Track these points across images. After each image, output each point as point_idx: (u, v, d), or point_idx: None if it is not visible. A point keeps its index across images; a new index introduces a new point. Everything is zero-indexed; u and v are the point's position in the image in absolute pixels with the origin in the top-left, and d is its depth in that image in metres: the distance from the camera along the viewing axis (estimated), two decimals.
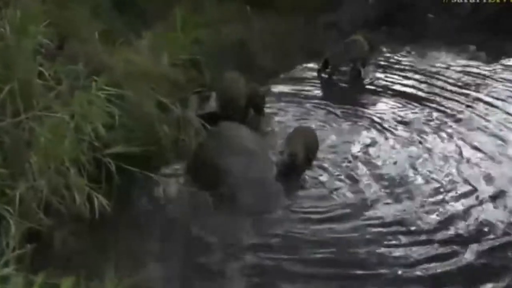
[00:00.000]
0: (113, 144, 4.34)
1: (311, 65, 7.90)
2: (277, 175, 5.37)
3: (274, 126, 6.38)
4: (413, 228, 4.73)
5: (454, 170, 5.48)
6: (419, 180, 5.37)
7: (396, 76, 7.65)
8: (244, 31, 7.36)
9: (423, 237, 4.62)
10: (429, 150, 5.85)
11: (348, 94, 7.34)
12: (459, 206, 5.00)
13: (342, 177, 5.44)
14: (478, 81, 7.45)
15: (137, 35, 5.84)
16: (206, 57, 6.24)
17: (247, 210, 4.92)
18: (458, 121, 6.44)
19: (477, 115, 6.56)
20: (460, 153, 5.77)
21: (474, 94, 7.07)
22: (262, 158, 5.46)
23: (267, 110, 6.48)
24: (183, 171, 5.35)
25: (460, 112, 6.63)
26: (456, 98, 6.98)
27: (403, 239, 4.59)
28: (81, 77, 4.39)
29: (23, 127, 3.96)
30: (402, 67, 7.91)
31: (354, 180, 5.39)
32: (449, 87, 7.28)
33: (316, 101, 7.04)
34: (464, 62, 7.96)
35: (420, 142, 6.00)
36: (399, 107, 6.84)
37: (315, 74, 7.75)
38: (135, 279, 3.32)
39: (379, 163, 5.65)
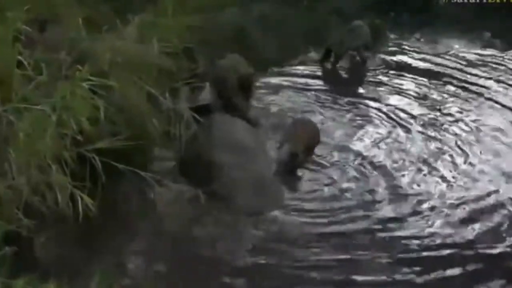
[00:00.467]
0: (98, 139, 4.28)
1: (312, 53, 7.99)
2: (276, 172, 5.41)
3: (272, 119, 6.41)
4: (427, 233, 4.74)
5: (471, 166, 5.51)
6: (435, 178, 5.39)
7: (404, 65, 7.73)
8: (242, 17, 7.38)
9: (439, 241, 4.65)
10: (444, 144, 5.88)
11: (353, 84, 7.40)
12: (479, 207, 5.00)
13: (347, 175, 5.47)
14: (493, 70, 7.54)
15: (125, 21, 5.76)
16: (200, 45, 6.22)
17: (242, 211, 4.93)
18: (472, 112, 6.52)
19: (493, 105, 6.65)
20: (478, 147, 5.81)
21: (488, 83, 7.16)
22: (259, 154, 5.47)
23: (265, 102, 6.55)
24: (173, 168, 5.36)
25: (476, 103, 6.71)
26: (470, 88, 7.05)
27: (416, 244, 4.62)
28: (64, 66, 4.33)
29: (0, 120, 3.89)
30: (411, 55, 7.97)
31: (360, 179, 5.41)
32: (462, 76, 7.35)
33: (318, 91, 7.10)
34: (478, 50, 8.07)
35: (434, 136, 6.04)
36: (408, 98, 6.89)
37: (317, 62, 7.85)
38: (121, 284, 3.33)
39: (388, 160, 5.66)
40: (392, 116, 6.47)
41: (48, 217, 3.99)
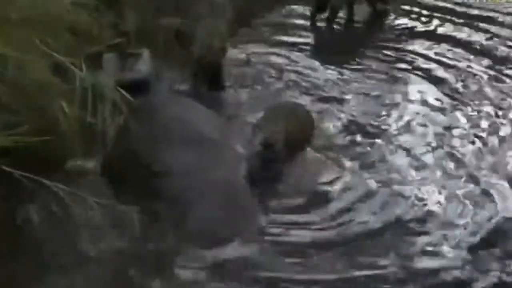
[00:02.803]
0: None
1: (301, 6, 8.31)
2: (247, 176, 5.39)
3: (244, 101, 6.56)
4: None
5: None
6: (461, 172, 5.62)
7: (418, 23, 8.14)
8: None
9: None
10: (469, 120, 6.27)
11: (355, 48, 7.63)
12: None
13: (346, 178, 5.56)
14: None
15: None
16: None
17: (198, 237, 4.90)
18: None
19: None
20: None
21: None
22: (223, 151, 5.46)
23: (236, 77, 6.79)
24: (94, 174, 5.35)
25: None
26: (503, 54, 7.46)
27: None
28: None
29: None
30: (427, 11, 8.42)
31: (363, 183, 5.51)
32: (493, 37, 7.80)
33: (308, 59, 7.32)
34: None
35: (458, 110, 6.39)
36: (424, 65, 7.24)
37: (307, 19, 8.12)
38: None
39: (402, 148, 5.89)
40: (408, 88, 6.80)
41: None
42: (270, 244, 4.91)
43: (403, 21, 8.30)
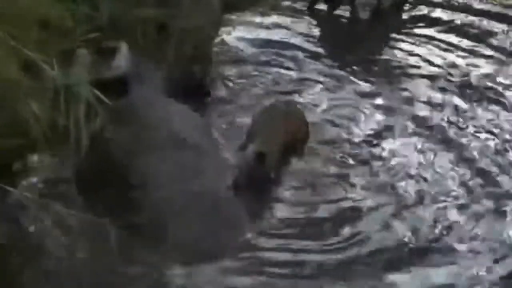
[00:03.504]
0: None
1: None
2: (235, 185, 5.43)
3: (231, 100, 6.57)
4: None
5: None
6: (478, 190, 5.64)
7: (436, 14, 8.20)
8: None
9: None
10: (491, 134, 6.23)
11: (361, 39, 7.69)
12: None
13: (345, 185, 5.62)
14: None
15: None
16: None
17: (179, 254, 4.88)
18: None
19: None
20: None
21: None
22: (209, 158, 5.47)
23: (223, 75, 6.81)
24: (67, 182, 5.34)
25: None
26: None
27: None
28: None
29: None
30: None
31: (365, 192, 5.59)
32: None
33: (307, 51, 7.31)
34: None
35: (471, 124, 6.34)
36: (437, 58, 7.33)
37: (304, 5, 8.14)
38: None
39: (406, 159, 5.92)
40: (417, 88, 6.87)
41: None
42: (258, 262, 4.92)
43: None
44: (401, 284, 4.77)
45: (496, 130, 6.24)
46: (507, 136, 6.16)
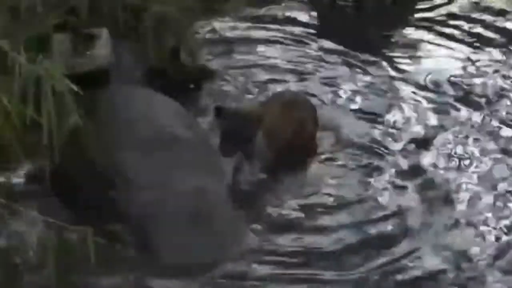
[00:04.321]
0: None
1: None
2: (233, 189, 5.41)
3: (223, 92, 6.55)
4: None
5: None
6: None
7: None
8: None
9: None
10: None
11: (365, 33, 7.58)
12: None
13: (357, 188, 5.53)
14: None
15: None
16: None
17: (166, 265, 4.78)
18: None
19: None
20: None
21: None
22: (199, 155, 5.40)
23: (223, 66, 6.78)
24: (40, 186, 5.21)
25: None
26: None
27: None
28: None
29: None
30: None
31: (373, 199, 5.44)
32: None
33: (308, 43, 7.27)
34: None
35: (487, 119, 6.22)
36: (449, 52, 7.19)
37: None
38: None
39: (418, 158, 5.77)
40: (424, 85, 6.68)
41: None
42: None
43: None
44: None
45: None
46: None
